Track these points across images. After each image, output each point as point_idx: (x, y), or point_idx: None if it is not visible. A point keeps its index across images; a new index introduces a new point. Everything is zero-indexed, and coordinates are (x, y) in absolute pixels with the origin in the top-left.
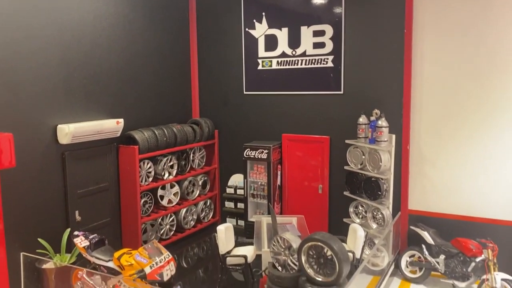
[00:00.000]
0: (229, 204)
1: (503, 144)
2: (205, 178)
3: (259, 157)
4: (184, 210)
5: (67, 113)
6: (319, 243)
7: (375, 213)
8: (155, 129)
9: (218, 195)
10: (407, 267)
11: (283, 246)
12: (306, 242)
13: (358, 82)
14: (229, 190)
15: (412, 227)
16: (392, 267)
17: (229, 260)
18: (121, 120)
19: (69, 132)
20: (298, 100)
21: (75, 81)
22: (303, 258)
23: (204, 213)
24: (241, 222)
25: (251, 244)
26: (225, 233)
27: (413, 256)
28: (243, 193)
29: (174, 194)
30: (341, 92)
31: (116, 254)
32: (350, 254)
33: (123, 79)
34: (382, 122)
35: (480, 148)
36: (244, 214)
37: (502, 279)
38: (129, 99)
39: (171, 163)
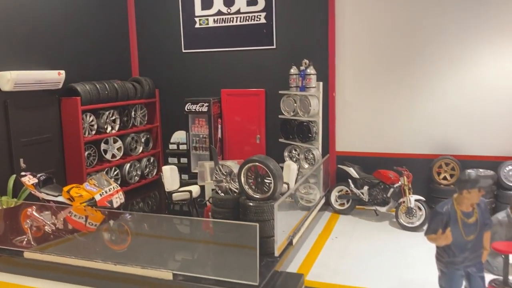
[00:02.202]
0: (173, 160)
1: (415, 90)
2: (148, 136)
3: (200, 110)
4: (128, 165)
5: (9, 61)
6: (256, 163)
7: (306, 154)
8: (96, 83)
9: (161, 152)
10: (336, 201)
11: (225, 173)
12: (245, 164)
13: (289, 36)
14: (172, 146)
15: (339, 166)
16: (323, 201)
17: (175, 196)
18: (63, 72)
19: (11, 78)
20: (234, 56)
21: (15, 31)
22: (243, 180)
23: (148, 169)
24: (185, 176)
25: (196, 184)
26: (170, 172)
27: (341, 191)
28: (185, 148)
29: (117, 149)
30: (274, 47)
31: (65, 188)
32: (285, 185)
33: (63, 34)
34: (311, 70)
35: (397, 94)
36: (188, 167)
37: (416, 200)
38: (70, 53)
39: (113, 117)
